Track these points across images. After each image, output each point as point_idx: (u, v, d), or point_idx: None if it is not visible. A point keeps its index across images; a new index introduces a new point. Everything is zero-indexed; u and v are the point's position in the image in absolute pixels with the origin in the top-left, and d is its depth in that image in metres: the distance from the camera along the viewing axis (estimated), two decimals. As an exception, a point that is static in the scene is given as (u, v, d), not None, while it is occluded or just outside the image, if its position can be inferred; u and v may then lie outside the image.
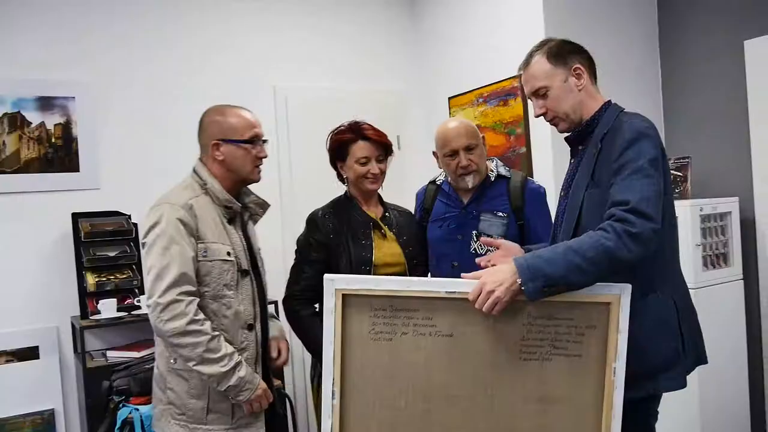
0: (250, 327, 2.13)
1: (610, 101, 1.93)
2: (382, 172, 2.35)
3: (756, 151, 3.35)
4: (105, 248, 3.23)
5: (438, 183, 2.66)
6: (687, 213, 3.12)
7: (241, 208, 2.20)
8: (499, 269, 1.65)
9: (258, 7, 3.76)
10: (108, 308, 3.02)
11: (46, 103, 3.20)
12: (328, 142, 2.38)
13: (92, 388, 2.89)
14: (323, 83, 3.91)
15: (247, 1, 3.73)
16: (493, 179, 2.51)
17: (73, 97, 3.25)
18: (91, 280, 3.15)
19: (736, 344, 3.33)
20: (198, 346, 1.95)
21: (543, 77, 1.89)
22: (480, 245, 2.45)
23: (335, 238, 2.30)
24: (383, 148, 2.33)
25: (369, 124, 2.35)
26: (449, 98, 4.01)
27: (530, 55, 1.95)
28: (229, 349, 2.02)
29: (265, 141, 2.18)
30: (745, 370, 3.38)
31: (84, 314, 3.14)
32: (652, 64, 3.76)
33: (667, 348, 1.77)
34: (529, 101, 3.35)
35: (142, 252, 2.09)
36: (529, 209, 2.46)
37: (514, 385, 1.71)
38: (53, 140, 3.22)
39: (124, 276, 3.24)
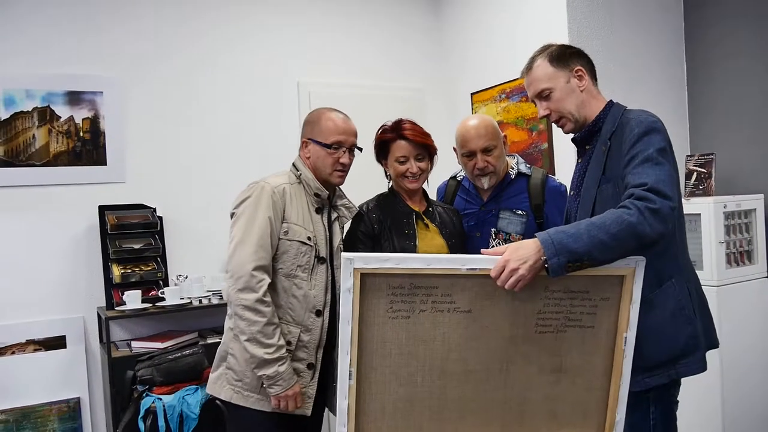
0: (318, 313, 2.21)
1: (612, 101, 1.97)
2: (422, 171, 2.35)
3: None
4: (131, 240, 3.29)
5: (458, 179, 2.67)
6: (710, 210, 3.09)
7: (332, 208, 2.35)
8: (522, 245, 1.64)
9: (282, 3, 3.79)
10: (133, 299, 3.07)
11: (74, 98, 3.26)
12: (375, 139, 2.42)
13: (117, 377, 2.94)
14: (347, 79, 3.93)
15: (270, -3, 3.77)
16: (513, 177, 2.50)
17: (101, 92, 3.30)
18: (116, 271, 3.21)
19: (760, 342, 3.29)
20: (255, 325, 2.06)
21: (546, 79, 1.93)
22: (498, 243, 2.45)
23: (379, 228, 2.33)
24: (422, 147, 2.34)
25: (411, 123, 2.36)
26: (472, 94, 4.01)
27: (532, 60, 2.00)
28: (282, 341, 2.11)
29: (358, 149, 2.32)
30: (767, 367, 3.35)
31: (110, 305, 3.19)
32: (678, 60, 3.72)
33: (686, 334, 1.79)
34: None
35: (231, 223, 2.22)
36: (549, 207, 2.45)
37: (528, 358, 1.73)
38: (81, 134, 3.28)
39: (149, 268, 3.29)
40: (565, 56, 1.94)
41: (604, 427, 1.76)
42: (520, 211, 2.45)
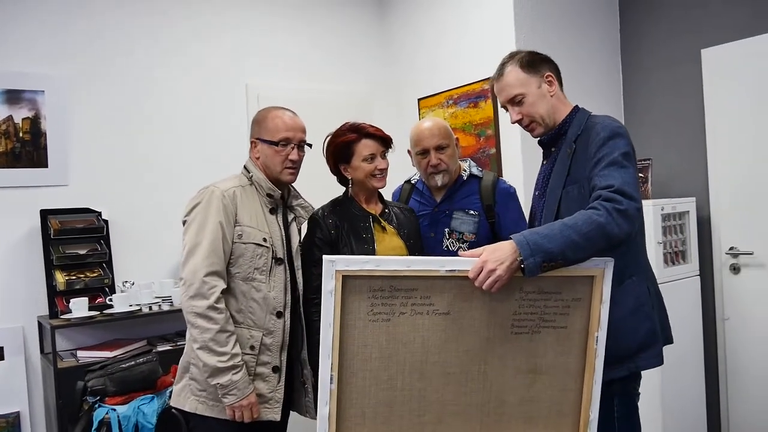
0: (279, 314, 2.19)
1: (577, 106, 2.06)
2: (386, 168, 2.37)
3: (711, 154, 3.53)
4: (75, 246, 3.15)
5: (413, 182, 2.72)
6: (649, 212, 3.26)
7: (288, 209, 2.34)
8: (498, 247, 1.68)
9: (230, 5, 3.74)
10: (79, 307, 2.95)
11: (13, 97, 3.10)
12: (329, 146, 2.39)
13: (63, 389, 2.82)
14: (294, 82, 3.91)
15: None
16: (465, 179, 2.57)
17: (43, 91, 3.16)
18: (60, 278, 3.07)
19: (693, 338, 3.50)
20: (207, 332, 2.04)
21: (518, 85, 2.00)
22: (452, 242, 2.52)
23: (336, 233, 2.32)
24: (385, 142, 2.36)
25: (366, 123, 2.37)
26: (419, 99, 4.07)
27: (503, 66, 2.06)
28: (236, 350, 2.08)
29: (307, 145, 2.30)
30: (701, 362, 3.56)
31: (53, 314, 3.05)
32: (615, 71, 3.91)
33: (644, 329, 1.89)
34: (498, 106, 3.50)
35: (183, 230, 2.19)
36: (500, 208, 2.53)
37: (504, 359, 1.76)
38: (21, 135, 3.12)
39: (95, 274, 3.17)
40: (535, 62, 2.01)
41: (579, 426, 1.81)
42: (472, 212, 2.52)
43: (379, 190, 2.42)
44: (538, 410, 1.80)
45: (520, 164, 3.45)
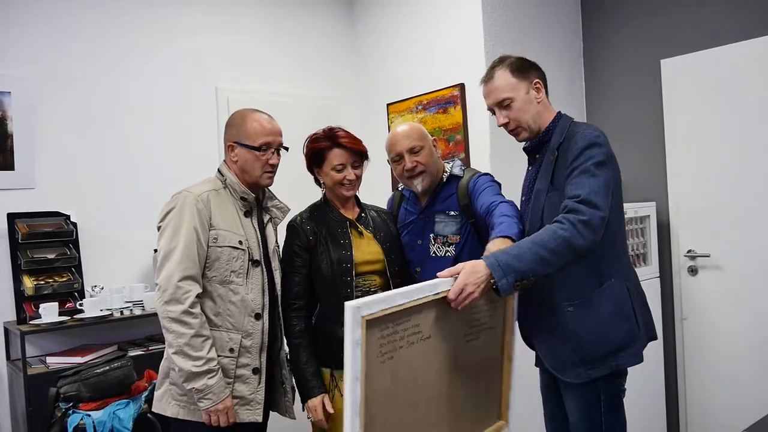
0: (258, 316, 2.21)
1: (560, 112, 2.12)
2: (358, 178, 2.36)
3: (670, 161, 3.69)
4: (44, 250, 3.09)
5: (401, 190, 2.69)
6: (614, 216, 3.37)
7: (263, 210, 2.35)
8: (475, 269, 1.74)
9: (200, 8, 3.72)
10: (49, 312, 2.88)
11: (-21, 98, 3.03)
12: (305, 149, 2.40)
13: (33, 395, 2.75)
14: (264, 86, 3.91)
15: (189, 1, 3.69)
16: (446, 180, 2.51)
17: (9, 92, 3.08)
18: (28, 283, 3.00)
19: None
20: (182, 337, 2.04)
21: (507, 89, 2.05)
22: (438, 247, 2.48)
23: (314, 239, 2.33)
24: (358, 154, 2.35)
25: (344, 131, 2.36)
26: (388, 104, 4.12)
27: (492, 69, 2.11)
28: (211, 354, 2.08)
29: (284, 148, 2.30)
30: (661, 361, 3.70)
31: (21, 319, 2.98)
32: (578, 79, 4.04)
33: (625, 329, 1.97)
34: (469, 110, 3.58)
35: (157, 236, 2.18)
36: (473, 198, 2.42)
37: (461, 370, 1.86)
38: (-13, 136, 3.05)
39: (64, 279, 3.10)
40: (524, 68, 2.06)
41: (503, 406, 2.03)
42: (452, 212, 2.46)
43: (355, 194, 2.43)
44: (482, 400, 1.96)
45: (489, 169, 3.52)
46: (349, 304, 1.50)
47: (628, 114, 3.84)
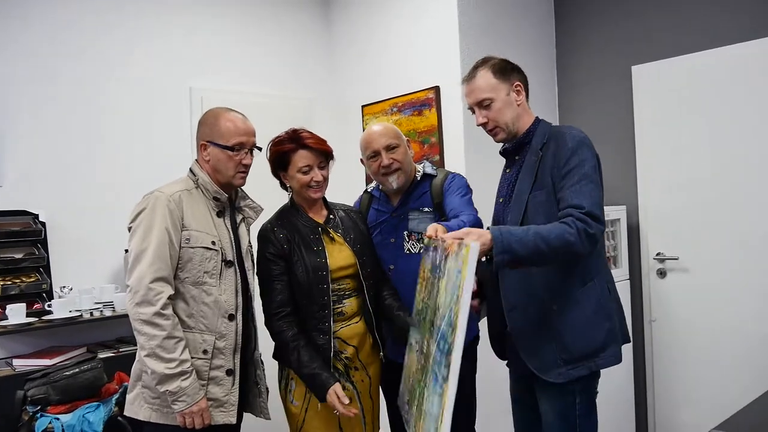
0: (231, 317, 2.18)
1: (538, 117, 2.16)
2: (325, 179, 2.35)
3: (640, 165, 3.75)
4: (11, 250, 3.01)
5: (369, 191, 2.72)
6: (586, 219, 3.42)
7: (236, 210, 2.31)
8: (481, 233, 1.79)
9: (174, 7, 3.67)
10: (17, 313, 2.81)
11: (-55, 92, 2.95)
12: (268, 153, 2.36)
13: (-1, 399, 2.69)
14: (239, 87, 3.88)
15: (164, 1, 3.64)
16: (419, 179, 2.56)
17: (-24, 89, 3.02)
18: (-6, 283, 2.94)
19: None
20: (154, 339, 2.01)
21: (488, 90, 2.07)
22: (412, 244, 2.50)
23: (288, 247, 2.30)
24: (324, 155, 2.33)
25: (308, 132, 2.34)
26: (363, 106, 4.12)
27: (475, 69, 2.13)
28: (184, 356, 2.05)
29: (257, 149, 2.27)
30: (630, 362, 3.75)
31: (-14, 321, 2.91)
32: (551, 84, 4.09)
33: (605, 329, 2.00)
34: (445, 111, 3.60)
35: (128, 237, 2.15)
36: (444, 197, 2.49)
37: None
38: (-48, 133, 2.97)
39: (32, 279, 3.04)
40: (506, 70, 2.09)
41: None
42: (426, 209, 2.50)
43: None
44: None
45: (463, 171, 3.54)
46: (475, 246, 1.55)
47: (600, 119, 3.90)
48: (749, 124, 3.32)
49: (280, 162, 2.34)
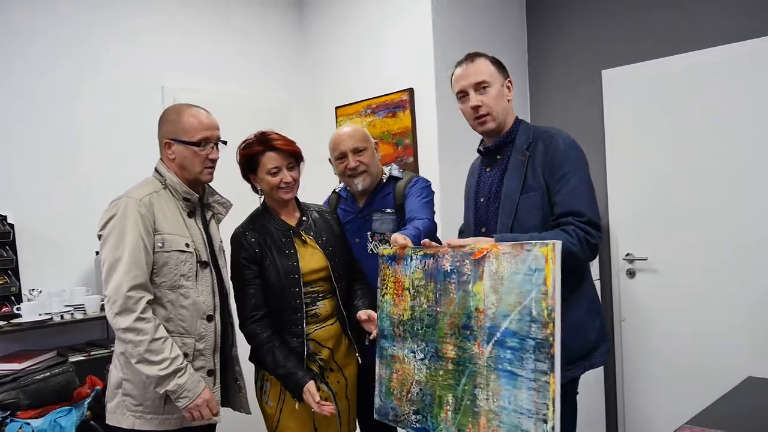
0: (210, 318, 2.17)
1: (518, 117, 2.19)
2: (295, 180, 2.33)
3: (610, 168, 3.82)
4: (-22, 252, 2.96)
5: (338, 191, 2.75)
6: (557, 221, 3.48)
7: (204, 207, 2.28)
8: (483, 239, 1.84)
9: (147, 6, 3.63)
10: (-16, 317, 2.77)
11: None
12: (238, 156, 2.35)
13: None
14: (212, 86, 3.85)
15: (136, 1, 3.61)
16: (385, 181, 2.61)
17: (-58, 86, 2.95)
18: (-39, 286, 2.87)
19: (594, 338, 3.75)
20: (140, 345, 1.99)
21: (488, 74, 2.09)
22: (375, 245, 2.52)
23: (260, 251, 2.29)
24: (293, 156, 2.31)
25: (276, 133, 2.32)
26: (336, 108, 4.12)
27: (475, 55, 2.14)
28: (174, 353, 2.03)
29: (222, 143, 2.23)
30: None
31: (-47, 324, 2.84)
32: (523, 87, 4.13)
33: (597, 326, 2.05)
34: (419, 113, 3.62)
35: (100, 245, 2.10)
36: (406, 198, 2.53)
37: None
38: None
39: (0, 282, 2.98)
40: (502, 65, 2.13)
41: None
42: (389, 210, 2.54)
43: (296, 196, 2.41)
44: None
45: (437, 172, 3.57)
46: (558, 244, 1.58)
47: (571, 122, 3.96)
48: (717, 126, 3.40)
49: (249, 165, 2.33)
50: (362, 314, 2.19)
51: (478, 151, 2.26)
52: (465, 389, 1.76)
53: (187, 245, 2.14)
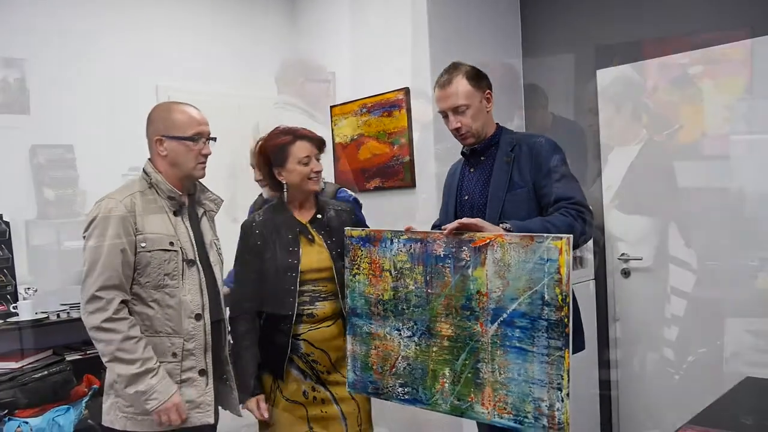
0: (198, 317, 2.14)
1: (499, 124, 2.29)
2: (321, 171, 2.34)
3: (605, 167, 3.83)
4: (-27, 250, 2.95)
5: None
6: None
7: (196, 204, 2.26)
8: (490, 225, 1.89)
9: (141, 5, 3.64)
10: (-19, 315, 2.77)
11: None
12: (261, 151, 2.33)
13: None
14: (206, 86, 3.85)
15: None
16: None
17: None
18: (-43, 285, 2.87)
19: (588, 338, 3.74)
20: (111, 344, 1.99)
21: (464, 97, 2.16)
22: None
23: (263, 245, 2.29)
24: (321, 145, 2.34)
25: (297, 126, 2.35)
26: (331, 107, 4.13)
27: (450, 75, 2.19)
28: (147, 354, 2.02)
29: (211, 139, 2.21)
30: (595, 361, 3.83)
31: (-51, 323, 2.84)
32: (517, 89, 4.14)
33: (577, 313, 2.09)
34: (414, 113, 3.64)
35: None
36: None
37: None
38: None
39: (-4, 281, 2.98)
40: (479, 77, 2.18)
41: None
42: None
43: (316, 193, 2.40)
44: None
45: (433, 172, 3.58)
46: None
47: (566, 122, 3.98)
48: (712, 125, 3.43)
49: (277, 157, 2.30)
50: None
51: (462, 153, 2.33)
52: (465, 363, 1.88)
53: (172, 244, 2.11)
